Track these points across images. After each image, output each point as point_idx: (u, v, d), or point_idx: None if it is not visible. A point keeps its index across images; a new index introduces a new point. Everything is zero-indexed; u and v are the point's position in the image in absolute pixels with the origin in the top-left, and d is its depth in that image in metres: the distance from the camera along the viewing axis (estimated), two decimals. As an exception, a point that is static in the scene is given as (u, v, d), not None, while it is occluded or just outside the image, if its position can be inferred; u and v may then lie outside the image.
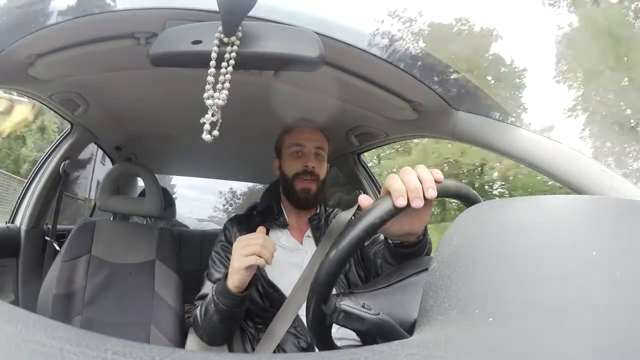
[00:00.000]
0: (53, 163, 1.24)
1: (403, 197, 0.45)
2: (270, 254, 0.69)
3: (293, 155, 0.94)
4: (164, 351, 0.18)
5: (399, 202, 0.45)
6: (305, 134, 0.95)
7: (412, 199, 0.45)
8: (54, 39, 0.67)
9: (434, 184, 0.47)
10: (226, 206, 3.80)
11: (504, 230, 0.28)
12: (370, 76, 0.78)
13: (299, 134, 0.95)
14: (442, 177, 0.48)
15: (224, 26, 0.46)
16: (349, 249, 0.43)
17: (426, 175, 0.47)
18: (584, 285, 0.20)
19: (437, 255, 0.28)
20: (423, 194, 0.46)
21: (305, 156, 0.93)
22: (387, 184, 0.47)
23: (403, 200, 0.45)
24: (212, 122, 0.44)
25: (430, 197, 0.46)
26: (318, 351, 0.56)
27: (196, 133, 0.46)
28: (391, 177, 0.47)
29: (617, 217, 0.27)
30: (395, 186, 0.46)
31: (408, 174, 0.47)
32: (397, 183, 0.46)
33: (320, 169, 0.94)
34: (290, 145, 0.94)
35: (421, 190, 0.46)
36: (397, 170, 0.55)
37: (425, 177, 0.47)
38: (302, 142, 0.93)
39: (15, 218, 1.26)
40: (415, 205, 0.45)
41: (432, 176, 0.48)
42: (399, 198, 0.45)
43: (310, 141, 0.94)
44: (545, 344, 0.17)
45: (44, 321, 0.19)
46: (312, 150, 0.93)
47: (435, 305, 0.24)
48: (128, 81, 0.94)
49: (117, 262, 1.11)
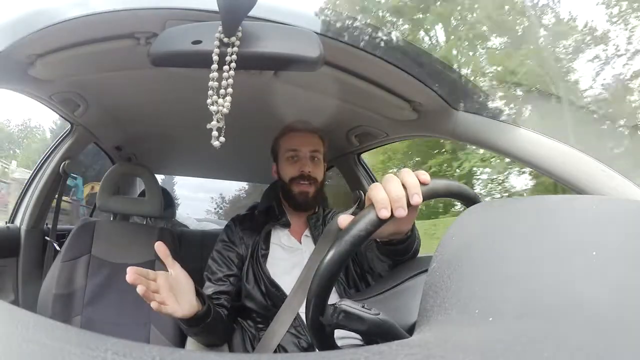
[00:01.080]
0: (53, 163, 1.24)
1: (386, 208, 0.44)
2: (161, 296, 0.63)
3: (289, 160, 0.94)
4: (164, 351, 0.18)
5: (382, 213, 0.43)
6: (300, 138, 0.95)
7: (395, 209, 0.44)
8: (54, 39, 0.67)
9: (419, 189, 0.45)
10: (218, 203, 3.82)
11: (504, 230, 0.28)
12: (370, 76, 0.78)
13: (294, 138, 0.95)
14: (428, 178, 0.47)
15: (224, 26, 0.46)
16: (338, 262, 0.43)
17: (410, 180, 0.46)
18: (584, 285, 0.20)
19: (437, 255, 0.28)
20: (408, 201, 0.45)
21: (301, 161, 0.93)
22: (370, 195, 0.45)
23: (386, 212, 0.43)
24: (219, 127, 0.44)
25: (415, 204, 0.45)
26: (318, 351, 0.56)
27: (196, 133, 0.46)
28: (374, 187, 0.46)
29: (617, 217, 0.27)
30: (377, 197, 0.44)
31: (391, 182, 0.46)
32: (380, 194, 0.45)
33: (317, 172, 0.94)
34: (286, 151, 0.94)
35: (404, 198, 0.45)
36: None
37: (409, 182, 0.45)
38: (297, 146, 0.93)
39: (15, 218, 1.26)
40: (398, 215, 0.44)
41: (417, 180, 0.46)
42: (381, 210, 0.43)
43: (305, 145, 0.93)
44: (545, 344, 0.17)
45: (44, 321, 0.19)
46: (307, 155, 0.93)
47: (435, 305, 0.24)
48: (128, 81, 0.94)
49: (117, 262, 1.11)
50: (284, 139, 0.96)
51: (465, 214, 0.32)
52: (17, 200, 1.30)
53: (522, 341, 0.18)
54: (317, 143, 0.96)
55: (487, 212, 0.33)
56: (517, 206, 0.32)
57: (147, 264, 1.12)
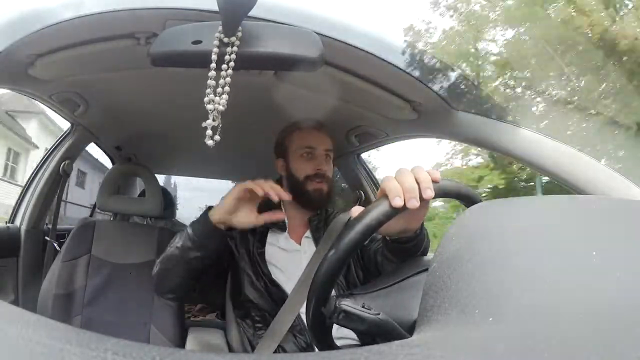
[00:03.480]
0: (53, 163, 1.24)
1: (400, 197, 0.45)
2: (272, 191, 0.72)
3: (303, 157, 0.92)
4: (164, 351, 0.18)
5: (396, 202, 0.44)
6: (316, 136, 0.94)
7: (408, 199, 0.45)
8: (54, 39, 0.67)
9: (431, 184, 0.47)
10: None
11: (504, 230, 0.28)
12: (370, 76, 0.78)
13: (310, 135, 0.93)
14: (439, 177, 0.48)
15: (224, 26, 0.46)
16: (347, 251, 0.43)
17: (423, 176, 0.47)
18: (584, 285, 0.20)
19: (437, 255, 0.28)
20: (420, 194, 0.46)
21: (317, 159, 0.92)
22: (384, 186, 0.47)
23: (400, 200, 0.45)
24: (214, 126, 0.44)
25: (427, 198, 0.46)
26: (318, 351, 0.56)
27: (196, 133, 0.46)
28: (387, 178, 0.47)
29: (617, 217, 0.27)
30: (391, 186, 0.46)
31: (404, 174, 0.47)
32: (393, 184, 0.46)
33: (330, 172, 0.94)
34: (301, 147, 0.93)
35: (417, 190, 0.46)
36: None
37: (422, 178, 0.47)
38: (314, 144, 0.92)
39: (15, 218, 1.26)
40: (411, 206, 0.45)
41: (429, 176, 0.47)
42: (395, 198, 0.45)
43: (321, 144, 0.93)
44: (545, 344, 0.17)
45: (44, 321, 0.19)
46: (323, 153, 0.93)
47: (435, 305, 0.24)
48: (128, 81, 0.94)
49: (117, 262, 1.11)
50: (297, 135, 0.94)
51: (465, 213, 0.32)
52: (17, 200, 1.31)
53: (522, 341, 0.18)
54: (330, 143, 0.95)
55: (487, 212, 0.33)
56: (517, 206, 0.32)
57: (147, 264, 1.12)
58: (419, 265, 0.49)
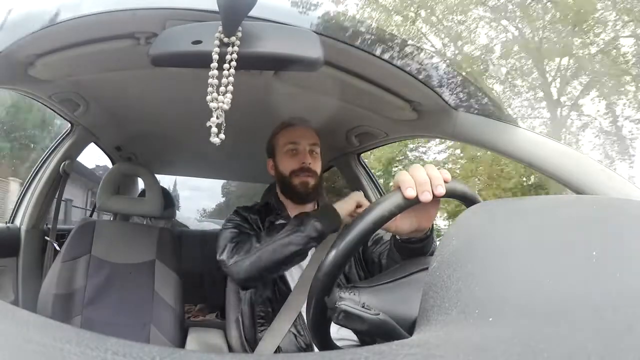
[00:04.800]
0: (53, 163, 1.24)
1: (412, 188, 0.46)
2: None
3: (288, 154, 0.94)
4: (164, 351, 0.18)
5: (409, 192, 0.45)
6: (299, 132, 0.95)
7: (420, 192, 0.46)
8: (54, 39, 0.67)
9: (442, 182, 0.48)
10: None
11: (504, 230, 0.28)
12: (370, 76, 0.78)
13: (293, 132, 0.95)
14: (450, 177, 0.49)
15: (224, 26, 0.46)
16: (356, 240, 0.43)
17: (435, 173, 0.48)
18: (584, 285, 0.20)
19: (437, 255, 0.28)
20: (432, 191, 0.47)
21: (301, 154, 0.93)
22: (397, 179, 0.48)
23: (412, 191, 0.45)
24: (218, 124, 0.44)
25: (439, 194, 0.47)
26: (318, 351, 0.56)
27: (196, 133, 0.46)
28: (401, 172, 0.48)
29: (617, 217, 0.27)
30: (404, 179, 0.47)
31: (417, 170, 0.48)
32: (407, 177, 0.47)
33: (316, 166, 0.94)
34: (285, 144, 0.94)
35: (429, 184, 0.47)
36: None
37: (434, 175, 0.48)
38: (297, 139, 0.94)
39: (15, 218, 1.26)
40: (424, 199, 0.46)
41: (440, 175, 0.48)
42: (408, 189, 0.45)
43: (305, 139, 0.94)
44: (545, 344, 0.17)
45: (44, 321, 0.19)
46: (307, 148, 0.94)
47: (435, 305, 0.24)
48: (128, 81, 0.94)
49: (117, 262, 1.11)
50: (282, 133, 0.96)
51: (465, 213, 0.32)
52: (17, 200, 1.31)
53: (522, 341, 0.18)
54: (315, 137, 0.96)
55: (487, 212, 0.33)
56: (517, 206, 0.32)
57: (147, 264, 1.13)
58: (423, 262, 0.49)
